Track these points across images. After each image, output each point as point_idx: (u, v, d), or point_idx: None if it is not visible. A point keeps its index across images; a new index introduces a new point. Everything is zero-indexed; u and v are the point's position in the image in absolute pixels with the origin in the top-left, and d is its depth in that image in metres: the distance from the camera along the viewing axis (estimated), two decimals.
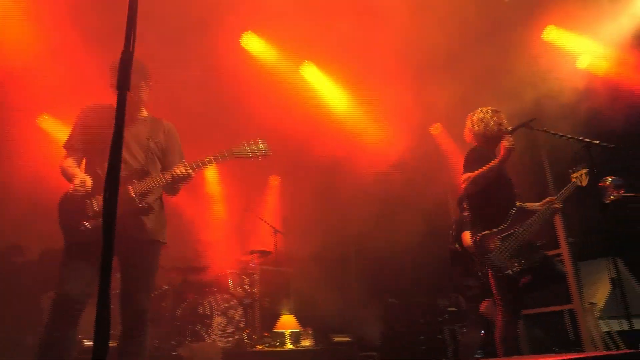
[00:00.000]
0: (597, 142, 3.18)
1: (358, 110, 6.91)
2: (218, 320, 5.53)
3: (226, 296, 5.74)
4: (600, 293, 9.08)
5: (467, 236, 4.62)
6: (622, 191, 4.05)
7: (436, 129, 7.94)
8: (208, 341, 5.23)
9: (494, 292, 3.26)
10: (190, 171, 2.83)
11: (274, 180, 8.51)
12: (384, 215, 7.41)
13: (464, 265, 4.78)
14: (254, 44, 5.53)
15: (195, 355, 4.68)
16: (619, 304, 8.17)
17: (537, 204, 3.51)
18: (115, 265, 2.27)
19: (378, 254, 8.02)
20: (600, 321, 6.37)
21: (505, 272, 3.14)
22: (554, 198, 3.43)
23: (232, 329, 5.60)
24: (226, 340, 5.48)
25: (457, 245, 4.92)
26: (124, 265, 2.80)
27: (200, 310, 5.42)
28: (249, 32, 5.44)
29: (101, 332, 0.91)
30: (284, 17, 5.10)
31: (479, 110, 3.60)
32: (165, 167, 3.00)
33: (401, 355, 7.37)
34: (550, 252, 6.97)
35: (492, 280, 3.25)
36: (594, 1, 5.57)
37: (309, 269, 7.08)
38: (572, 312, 6.74)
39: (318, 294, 6.95)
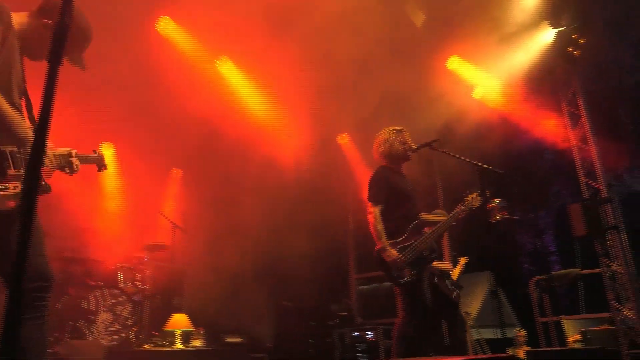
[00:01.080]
0: (489, 167, 3.51)
1: (269, 112, 6.92)
2: (103, 316, 5.18)
3: (114, 291, 5.39)
4: (475, 304, 10.04)
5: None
6: (505, 213, 4.53)
7: (343, 139, 8.22)
8: (90, 339, 4.87)
9: (396, 294, 3.48)
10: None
11: (176, 174, 8.18)
12: (285, 219, 7.48)
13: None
14: (169, 29, 5.30)
15: (74, 353, 4.34)
16: (491, 314, 9.06)
17: (436, 217, 3.78)
18: None
19: (277, 257, 8.06)
20: (472, 329, 7.04)
21: (401, 281, 3.36)
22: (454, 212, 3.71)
23: (118, 327, 5.27)
24: (111, 338, 5.14)
25: None
26: None
27: (84, 306, 5.04)
28: (166, 17, 5.20)
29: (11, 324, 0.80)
30: (200, 8, 4.96)
31: (383, 131, 3.82)
32: None
33: (291, 357, 7.47)
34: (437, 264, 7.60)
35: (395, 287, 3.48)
36: (492, 39, 6.16)
37: (205, 268, 6.90)
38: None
39: (213, 294, 6.80)
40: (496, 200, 4.61)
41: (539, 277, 6.79)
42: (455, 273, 5.32)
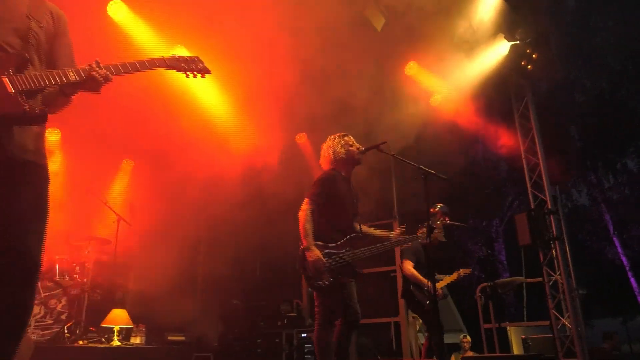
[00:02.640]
0: (434, 172, 3.52)
1: (224, 107, 6.79)
2: (35, 309, 4.92)
3: (49, 284, 5.14)
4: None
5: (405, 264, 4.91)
6: (447, 218, 4.60)
7: (301, 138, 8.18)
8: None
9: (316, 298, 3.43)
10: (104, 73, 2.00)
11: (127, 165, 7.91)
12: (235, 216, 7.36)
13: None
14: (121, 13, 5.09)
15: None
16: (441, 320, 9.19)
17: (383, 233, 3.76)
18: None
19: (227, 253, 7.93)
20: (419, 334, 7.12)
21: (315, 282, 3.31)
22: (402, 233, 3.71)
23: (51, 321, 5.03)
24: (42, 332, 4.90)
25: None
26: None
27: None
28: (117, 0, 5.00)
29: None
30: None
31: (328, 138, 3.81)
32: (51, 65, 2.08)
33: (238, 357, 7.34)
34: (386, 268, 7.68)
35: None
36: (450, 48, 6.25)
37: (151, 263, 6.69)
38: (397, 324, 7.43)
39: (159, 290, 6.61)
40: (439, 205, 4.68)
41: (484, 284, 6.93)
42: (442, 283, 5.35)
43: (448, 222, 4.70)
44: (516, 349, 7.54)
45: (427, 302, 4.75)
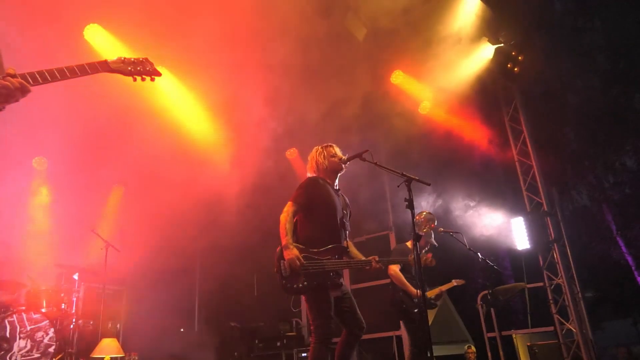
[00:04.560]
0: (416, 178, 3.43)
1: (211, 127, 6.73)
2: (21, 344, 4.79)
3: (35, 316, 5.00)
4: None
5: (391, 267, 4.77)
6: (432, 225, 4.48)
7: (292, 154, 8.09)
8: None
9: (309, 316, 3.31)
10: (18, 82, 1.77)
11: (117, 190, 7.82)
12: (230, 237, 7.23)
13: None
14: (99, 37, 5.05)
15: None
16: (443, 331, 9.00)
17: (361, 259, 3.63)
18: None
19: (223, 276, 7.78)
20: None
21: (287, 283, 3.18)
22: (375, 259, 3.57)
23: (38, 355, 4.88)
24: None
25: None
26: None
27: None
28: (94, 24, 4.96)
29: None
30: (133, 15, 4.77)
31: (313, 149, 3.80)
32: None
33: None
34: (386, 281, 7.50)
35: (307, 305, 3.30)
36: (433, 54, 6.20)
37: (143, 289, 6.56)
38: (399, 338, 7.25)
39: (151, 316, 6.46)
40: (424, 213, 4.57)
41: (485, 292, 6.76)
42: (434, 292, 5.17)
43: (442, 230, 4.58)
44: (523, 357, 7.34)
45: (415, 310, 4.60)
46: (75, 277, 5.67)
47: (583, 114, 12.51)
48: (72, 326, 5.43)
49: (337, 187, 3.76)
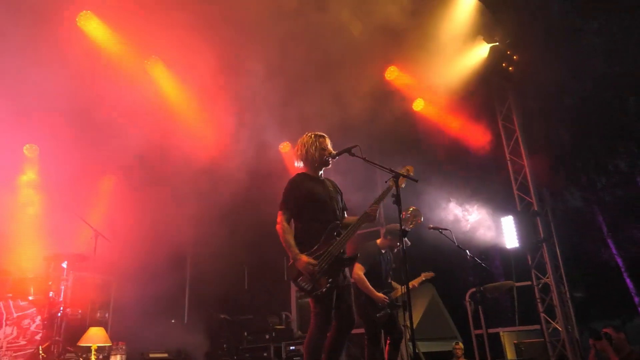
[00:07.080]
0: (404, 174, 3.44)
1: (204, 118, 6.71)
2: (7, 330, 4.78)
3: (22, 304, 5.00)
4: (414, 316, 10.02)
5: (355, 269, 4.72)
6: (419, 220, 4.50)
7: (285, 147, 8.09)
8: None
9: (311, 304, 3.31)
10: None
11: (108, 180, 7.79)
12: (221, 230, 7.23)
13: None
14: (92, 25, 5.01)
15: None
16: (432, 327, 9.03)
17: (357, 220, 3.62)
18: None
19: (212, 268, 7.77)
20: (409, 343, 6.97)
21: (315, 292, 3.20)
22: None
23: (24, 342, 4.88)
24: (14, 354, 4.75)
25: None
26: None
27: None
28: (87, 12, 4.92)
29: None
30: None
31: (305, 135, 3.69)
32: None
33: None
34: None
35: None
36: (429, 52, 6.20)
37: (133, 279, 6.55)
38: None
39: (140, 307, 6.46)
40: (411, 209, 4.58)
41: (473, 289, 6.81)
42: (398, 292, 5.14)
43: (431, 227, 4.60)
44: (510, 355, 7.40)
45: (378, 314, 4.65)
46: (64, 265, 5.63)
47: (577, 115, 12.55)
48: (59, 314, 5.40)
49: (322, 176, 3.71)
